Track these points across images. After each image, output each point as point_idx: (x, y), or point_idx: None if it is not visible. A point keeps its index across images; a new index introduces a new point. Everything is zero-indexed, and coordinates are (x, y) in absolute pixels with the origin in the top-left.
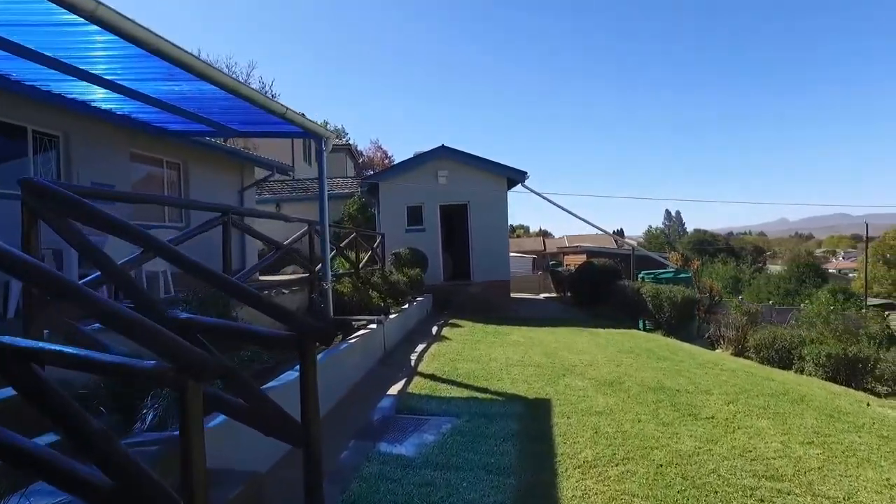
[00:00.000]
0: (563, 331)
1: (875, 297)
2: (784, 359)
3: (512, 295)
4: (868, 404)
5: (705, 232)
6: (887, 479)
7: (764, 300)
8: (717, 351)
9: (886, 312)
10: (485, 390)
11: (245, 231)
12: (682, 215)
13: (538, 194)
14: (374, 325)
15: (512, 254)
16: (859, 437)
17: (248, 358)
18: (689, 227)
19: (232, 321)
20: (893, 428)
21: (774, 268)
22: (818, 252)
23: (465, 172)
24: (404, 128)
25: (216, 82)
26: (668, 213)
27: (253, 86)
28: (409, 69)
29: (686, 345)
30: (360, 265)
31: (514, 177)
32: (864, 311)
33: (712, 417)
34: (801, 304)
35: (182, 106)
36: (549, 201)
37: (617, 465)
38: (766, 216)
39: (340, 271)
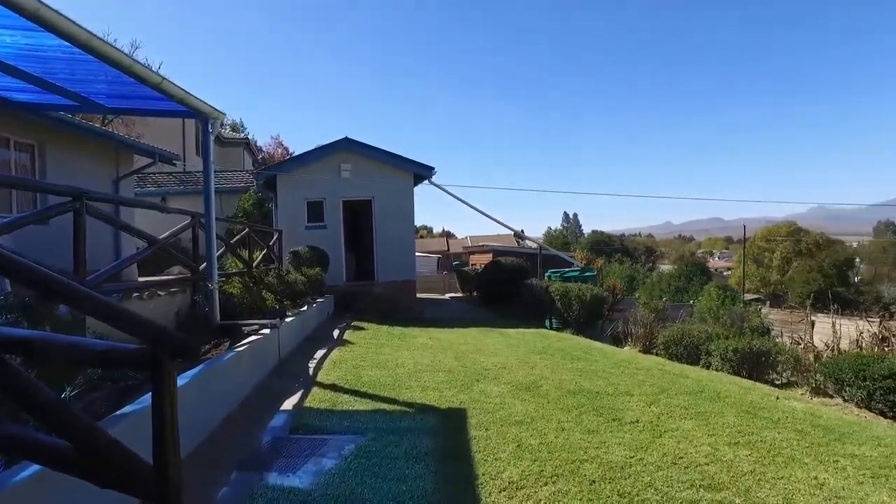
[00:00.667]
0: (473, 332)
1: (748, 293)
2: (692, 354)
3: (418, 295)
4: (777, 398)
5: (601, 233)
6: (815, 478)
7: (657, 297)
8: (625, 349)
9: (759, 306)
10: (392, 401)
11: (107, 221)
12: (579, 217)
13: (446, 191)
14: (267, 330)
15: (417, 254)
16: (779, 433)
17: (97, 377)
18: (586, 229)
19: (66, 334)
20: (805, 421)
21: (665, 267)
22: (699, 253)
23: (369, 166)
24: (307, 127)
25: (61, 32)
26: (566, 214)
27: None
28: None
29: (597, 343)
30: (254, 264)
31: (421, 172)
32: (745, 306)
33: (637, 421)
34: (691, 301)
35: (23, 67)
36: (457, 198)
37: (546, 485)
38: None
39: (233, 271)
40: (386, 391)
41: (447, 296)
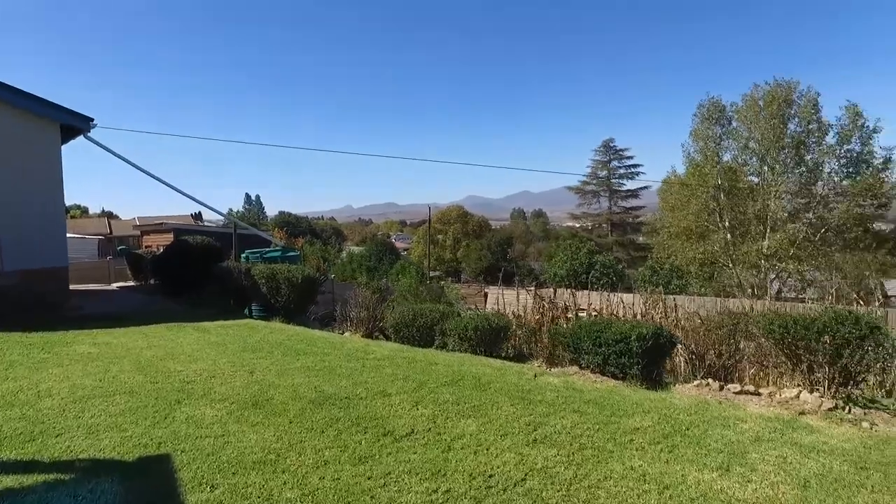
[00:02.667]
0: (159, 330)
1: (431, 270)
2: (426, 336)
3: (73, 287)
4: (535, 376)
5: (290, 214)
6: (633, 468)
7: (349, 277)
8: (346, 334)
9: (442, 283)
10: (32, 465)
11: None
12: (262, 199)
13: (111, 151)
14: None
15: (70, 235)
16: (563, 418)
17: None
18: (271, 212)
19: None
20: (574, 399)
21: (356, 248)
22: (378, 234)
23: None
24: None
25: None
26: (247, 196)
27: None
28: None
29: (316, 332)
30: None
31: (74, 123)
32: (431, 282)
33: (413, 432)
34: (384, 279)
35: None
36: (125, 160)
37: None
38: (335, 203)
39: None
40: (18, 447)
41: (114, 285)
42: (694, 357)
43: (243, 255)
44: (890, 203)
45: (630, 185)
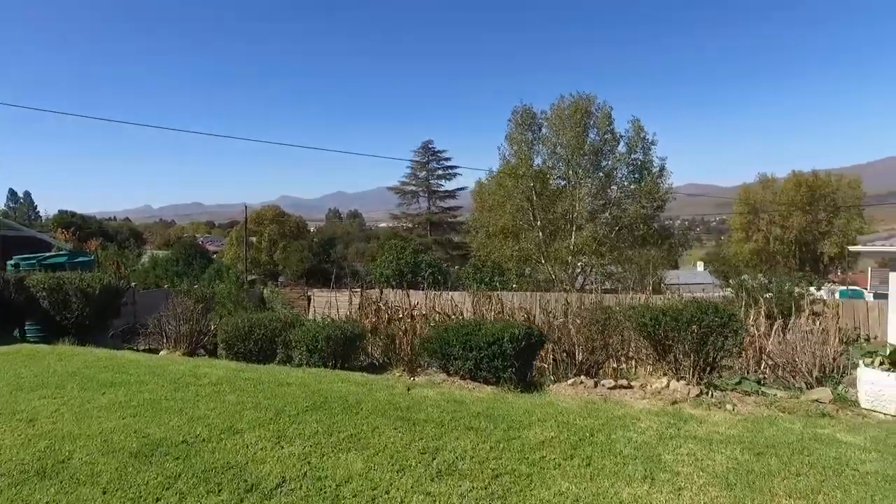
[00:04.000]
0: None
1: (248, 274)
2: (265, 350)
3: None
4: (408, 389)
5: (74, 214)
6: (561, 492)
7: (152, 284)
8: (162, 353)
9: (261, 287)
10: None
11: None
12: (33, 196)
13: None
14: None
15: None
16: (463, 440)
17: None
18: (50, 210)
19: None
20: (469, 417)
21: (160, 252)
22: (185, 236)
23: None
24: None
25: None
26: (12, 193)
27: None
28: None
29: (127, 353)
30: None
31: None
32: (251, 286)
33: (284, 481)
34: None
35: None
36: None
37: None
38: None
39: None
40: None
41: None
42: (566, 355)
43: (10, 263)
44: (664, 205)
45: (448, 185)
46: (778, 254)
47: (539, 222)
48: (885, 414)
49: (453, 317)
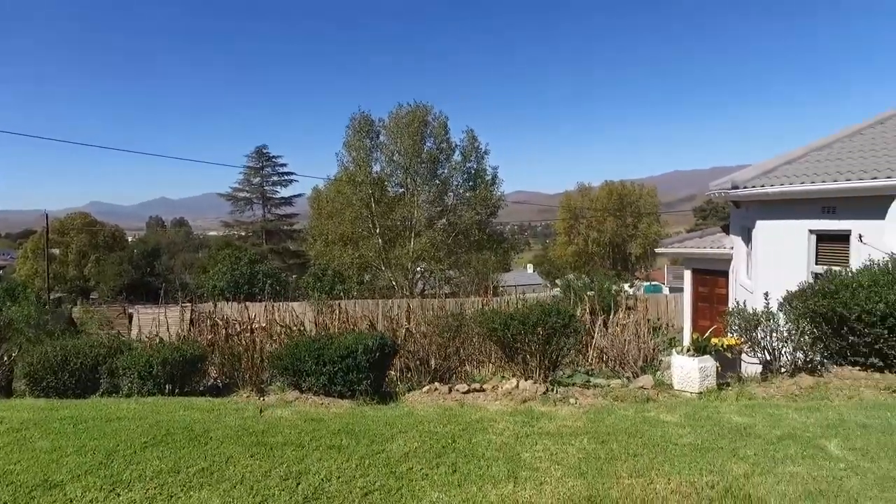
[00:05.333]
0: None
1: (52, 292)
2: (86, 381)
3: None
4: (261, 410)
5: None
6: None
7: None
8: None
9: (70, 305)
10: None
11: None
12: None
13: None
14: None
15: None
16: (328, 461)
17: None
18: None
19: None
20: (329, 435)
21: None
22: None
23: None
24: None
25: None
26: None
27: None
28: None
29: None
30: None
31: None
32: (58, 306)
33: None
34: None
35: None
36: None
37: None
38: None
39: None
40: None
41: None
42: (419, 362)
43: None
44: (497, 211)
45: (284, 192)
46: (595, 255)
47: (378, 229)
48: (691, 392)
49: (294, 328)
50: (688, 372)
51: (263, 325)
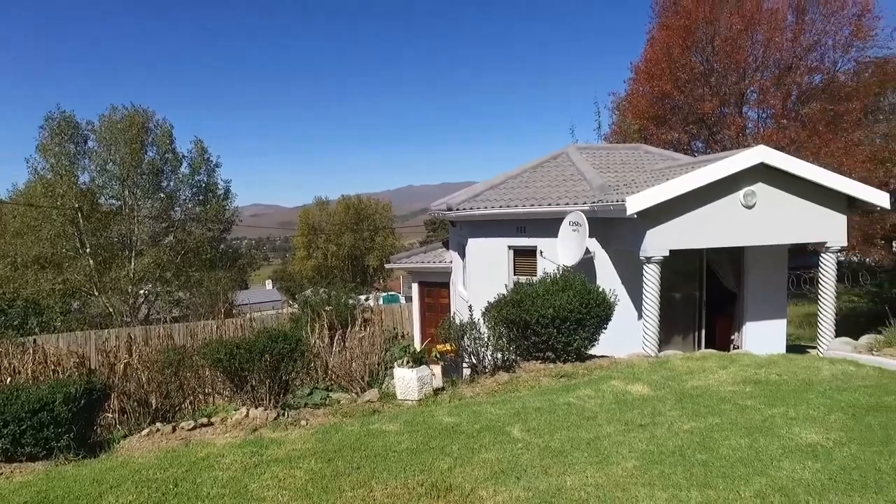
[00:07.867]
0: None
1: None
2: None
3: None
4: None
5: None
6: None
7: None
8: None
9: None
10: None
11: None
12: None
13: None
14: None
15: None
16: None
17: None
18: None
19: None
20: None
21: None
22: None
23: None
24: None
25: None
26: None
27: None
28: None
29: None
30: None
31: None
32: None
33: None
34: None
35: None
36: None
37: None
38: None
39: None
40: None
41: None
42: (137, 404)
43: None
44: (230, 227)
45: None
46: (335, 268)
47: (89, 248)
48: (412, 401)
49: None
50: (408, 382)
51: None
